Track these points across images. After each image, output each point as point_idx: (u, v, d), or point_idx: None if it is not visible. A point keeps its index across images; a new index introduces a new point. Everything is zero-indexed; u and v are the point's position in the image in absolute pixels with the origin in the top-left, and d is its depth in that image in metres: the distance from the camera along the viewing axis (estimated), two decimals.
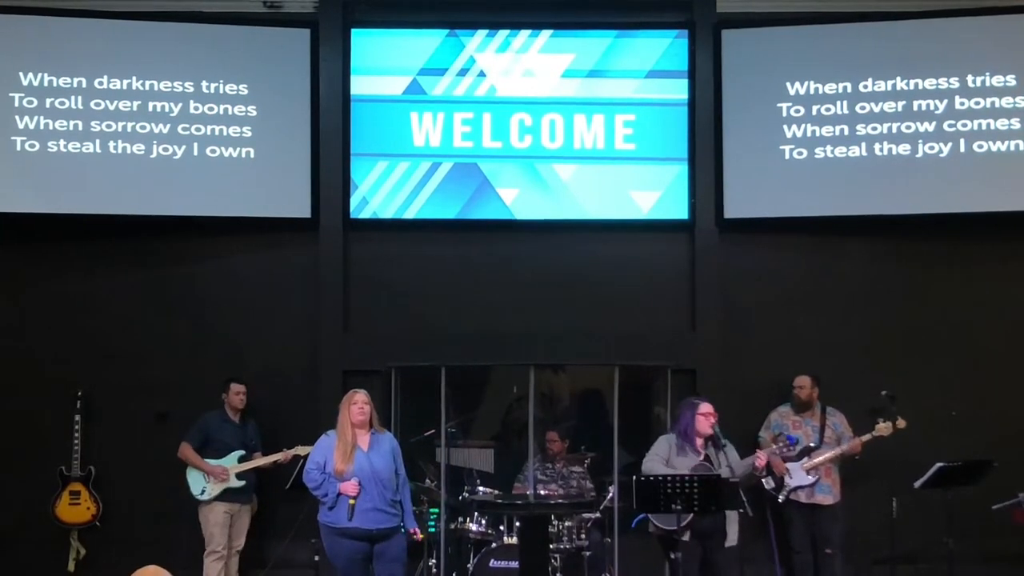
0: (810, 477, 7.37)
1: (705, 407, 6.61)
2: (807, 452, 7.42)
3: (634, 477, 6.22)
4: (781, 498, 7.39)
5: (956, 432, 7.65)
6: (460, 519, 7.32)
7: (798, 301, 8.31)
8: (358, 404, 6.31)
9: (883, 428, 7.31)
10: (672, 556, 6.60)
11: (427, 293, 8.32)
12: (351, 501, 6.14)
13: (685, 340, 8.23)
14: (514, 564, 6.88)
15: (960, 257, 8.29)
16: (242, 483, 7.48)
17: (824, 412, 7.60)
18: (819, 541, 7.44)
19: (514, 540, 7.06)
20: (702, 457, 6.48)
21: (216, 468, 7.42)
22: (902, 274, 8.31)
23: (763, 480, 7.37)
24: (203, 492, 7.42)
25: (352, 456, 6.20)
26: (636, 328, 8.20)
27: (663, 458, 6.53)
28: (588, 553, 7.15)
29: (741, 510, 6.29)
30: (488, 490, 7.31)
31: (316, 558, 7.08)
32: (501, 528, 7.18)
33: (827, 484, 7.45)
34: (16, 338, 8.16)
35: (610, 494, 7.24)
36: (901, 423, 7.29)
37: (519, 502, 7.19)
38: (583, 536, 7.19)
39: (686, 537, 6.34)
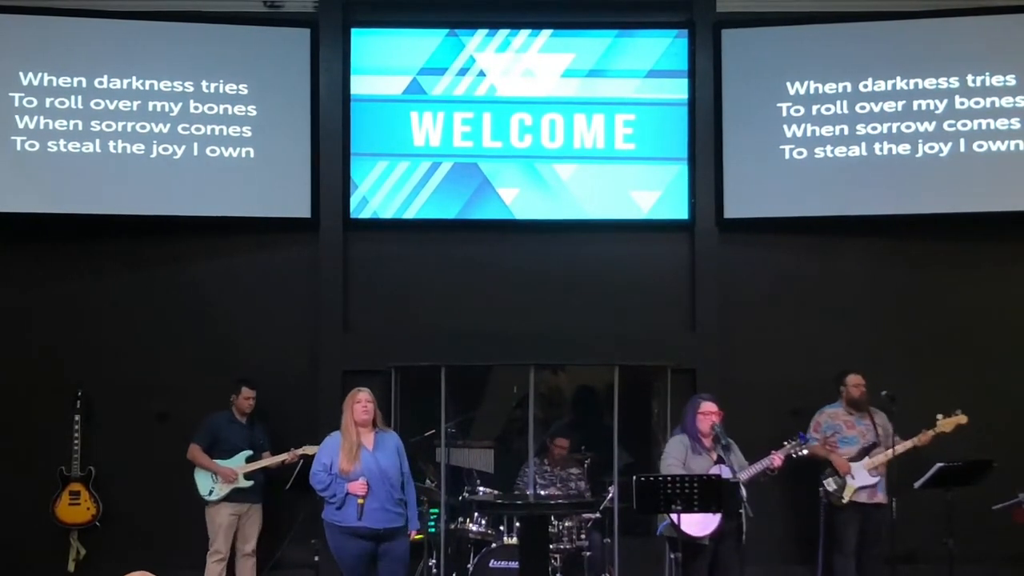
0: (874, 477, 7.24)
1: (706, 406, 6.52)
2: (868, 451, 7.28)
3: (634, 477, 6.21)
4: (845, 499, 7.23)
5: (956, 432, 7.61)
6: (460, 519, 7.33)
7: (798, 301, 8.30)
8: (361, 403, 6.29)
9: (946, 423, 7.15)
10: (672, 556, 6.59)
11: (427, 293, 8.32)
12: (359, 501, 6.14)
13: (685, 340, 8.22)
14: (514, 564, 6.88)
15: (960, 257, 8.29)
16: (250, 483, 7.46)
17: (870, 410, 7.42)
18: (867, 541, 7.29)
19: (514, 540, 7.05)
20: (715, 457, 6.39)
21: (226, 469, 7.39)
22: (902, 274, 8.31)
23: (825, 483, 7.28)
24: (211, 492, 7.39)
25: (358, 455, 6.19)
26: (636, 328, 8.20)
27: (680, 460, 6.45)
28: (588, 553, 7.16)
29: (740, 510, 6.26)
30: (488, 490, 7.32)
31: (316, 558, 7.08)
32: (501, 528, 7.18)
33: (884, 483, 7.30)
34: (16, 338, 8.15)
35: (610, 494, 7.24)
36: (962, 418, 7.14)
37: (519, 502, 7.19)
38: (583, 536, 7.19)
39: (705, 540, 6.31)
